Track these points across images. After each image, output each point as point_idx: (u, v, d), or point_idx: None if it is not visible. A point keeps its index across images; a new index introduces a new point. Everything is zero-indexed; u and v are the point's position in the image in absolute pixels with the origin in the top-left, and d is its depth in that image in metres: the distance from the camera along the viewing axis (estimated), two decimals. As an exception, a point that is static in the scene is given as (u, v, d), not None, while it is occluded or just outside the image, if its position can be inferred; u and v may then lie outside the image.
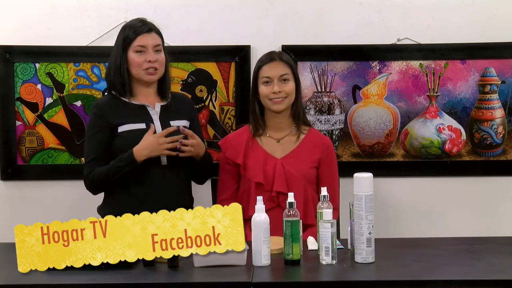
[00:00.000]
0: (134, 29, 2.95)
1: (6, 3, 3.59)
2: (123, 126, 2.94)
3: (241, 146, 3.06)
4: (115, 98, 2.99)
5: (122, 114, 2.95)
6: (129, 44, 2.94)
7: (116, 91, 2.99)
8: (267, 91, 3.02)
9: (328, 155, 3.09)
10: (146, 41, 2.94)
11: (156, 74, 2.97)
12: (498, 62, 3.60)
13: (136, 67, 2.94)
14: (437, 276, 2.33)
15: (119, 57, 2.95)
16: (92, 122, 2.98)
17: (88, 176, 2.94)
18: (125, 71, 2.95)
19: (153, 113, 2.98)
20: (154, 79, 2.98)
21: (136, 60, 2.94)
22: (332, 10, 3.59)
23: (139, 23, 2.98)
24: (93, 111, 3.00)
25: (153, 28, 2.99)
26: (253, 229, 2.44)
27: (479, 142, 3.64)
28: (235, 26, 3.59)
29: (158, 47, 2.98)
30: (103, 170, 2.90)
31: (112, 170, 2.88)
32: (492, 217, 3.66)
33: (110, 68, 2.99)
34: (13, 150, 3.60)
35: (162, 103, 3.02)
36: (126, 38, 2.95)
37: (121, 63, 2.95)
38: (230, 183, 3.09)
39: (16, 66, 3.58)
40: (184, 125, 2.99)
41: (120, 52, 2.95)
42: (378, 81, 3.61)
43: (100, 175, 2.90)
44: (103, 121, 2.94)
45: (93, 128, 2.96)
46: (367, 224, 2.44)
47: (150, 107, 2.98)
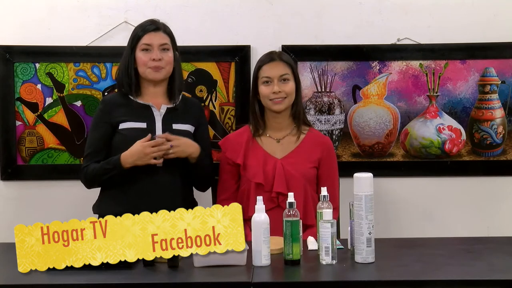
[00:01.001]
0: (142, 28, 3.00)
1: (6, 3, 3.59)
2: (124, 123, 2.96)
3: (241, 146, 3.06)
4: (123, 96, 3.03)
5: (125, 112, 2.98)
6: (137, 43, 2.98)
7: (124, 90, 3.02)
8: (267, 91, 3.02)
9: (328, 155, 3.09)
10: (152, 40, 2.97)
11: (161, 72, 2.98)
12: (498, 62, 3.60)
13: (142, 65, 2.97)
14: (437, 276, 2.33)
15: (127, 57, 3.00)
16: (96, 117, 3.06)
17: (82, 171, 3.00)
18: (132, 70, 2.99)
19: (157, 114, 2.98)
20: (158, 78, 2.98)
21: (142, 59, 2.96)
22: (332, 10, 3.60)
23: (148, 22, 3.02)
24: (99, 107, 3.07)
25: (161, 27, 3.01)
26: (253, 229, 2.44)
27: (479, 142, 3.64)
28: (235, 26, 3.59)
29: (165, 45, 2.99)
30: (94, 168, 2.95)
31: (101, 170, 2.93)
32: (492, 217, 3.66)
33: (119, 67, 3.05)
34: (13, 150, 3.60)
35: (169, 105, 3.02)
36: (135, 38, 3.00)
37: (129, 62, 2.99)
38: (230, 183, 3.09)
39: (16, 66, 3.58)
40: (187, 130, 3.00)
41: (129, 52, 3.00)
42: (378, 81, 3.61)
43: (92, 172, 2.95)
44: (106, 117, 2.99)
45: (96, 123, 3.03)
46: (367, 224, 2.44)
47: (154, 107, 2.99)
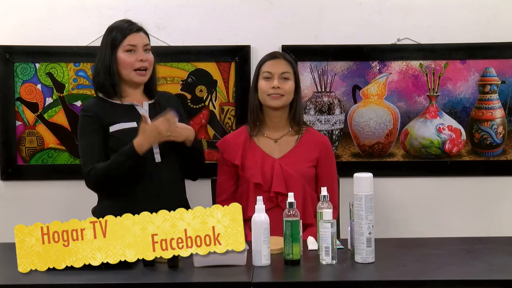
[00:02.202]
0: (122, 29, 2.93)
1: (6, 3, 3.59)
2: (114, 126, 2.92)
3: (238, 147, 3.06)
4: (102, 100, 2.97)
5: (111, 114, 2.93)
6: (119, 44, 2.92)
7: (105, 93, 2.96)
8: (267, 86, 3.02)
9: (326, 154, 3.09)
10: (136, 40, 2.93)
11: (146, 75, 2.96)
12: (498, 62, 3.60)
13: (126, 67, 2.92)
14: (437, 276, 2.33)
15: (108, 58, 2.92)
16: (84, 124, 2.94)
17: (89, 174, 2.88)
18: (115, 72, 2.93)
19: (142, 111, 2.94)
20: (144, 80, 2.97)
21: (127, 60, 2.92)
22: (332, 10, 3.60)
23: (126, 23, 2.96)
24: (82, 114, 2.97)
25: (141, 28, 2.98)
26: (253, 229, 2.44)
27: (479, 142, 3.64)
28: (235, 26, 3.59)
29: (147, 46, 2.97)
30: (103, 167, 2.85)
31: (113, 165, 2.83)
32: (492, 217, 3.66)
33: (98, 70, 2.96)
34: (13, 150, 3.60)
35: (149, 102, 3.01)
36: (115, 39, 2.92)
37: (111, 64, 2.92)
38: (229, 184, 3.09)
39: (16, 66, 3.58)
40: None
41: (109, 53, 2.92)
42: (378, 81, 3.61)
43: (102, 170, 2.85)
44: (95, 120, 2.91)
45: (86, 129, 2.93)
46: (367, 224, 2.44)
47: (138, 105, 2.97)
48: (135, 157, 2.81)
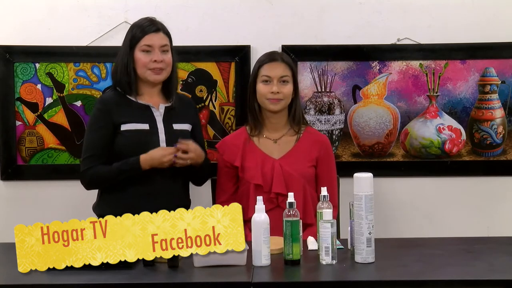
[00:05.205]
0: (142, 28, 2.95)
1: (6, 3, 3.59)
2: (126, 125, 2.93)
3: (238, 148, 3.06)
4: (120, 95, 2.98)
5: (126, 112, 2.94)
6: (136, 43, 2.94)
7: (122, 89, 2.98)
8: (266, 90, 3.02)
9: (325, 153, 3.09)
10: (153, 41, 2.93)
11: (162, 74, 2.96)
12: (498, 62, 3.60)
13: (141, 66, 2.94)
14: (437, 276, 2.33)
15: (126, 56, 2.95)
16: (95, 116, 2.96)
17: (86, 173, 2.92)
18: (131, 70, 2.94)
19: (157, 114, 2.96)
20: (159, 79, 2.97)
21: (142, 60, 2.93)
22: (332, 10, 3.60)
23: (147, 22, 2.97)
24: (98, 106, 2.98)
25: (161, 28, 2.98)
26: (253, 229, 2.44)
27: (479, 142, 3.64)
28: (235, 26, 3.59)
29: (165, 47, 2.97)
30: (104, 171, 2.89)
31: (115, 173, 2.88)
32: (492, 217, 3.66)
33: (117, 66, 2.99)
34: (13, 150, 3.60)
35: (166, 104, 3.01)
36: (134, 37, 2.94)
37: (128, 62, 2.94)
38: (228, 185, 3.09)
39: (16, 66, 3.58)
40: (186, 129, 3.01)
41: (127, 51, 2.94)
42: (378, 81, 3.61)
43: (100, 175, 2.90)
44: (108, 117, 2.93)
45: (96, 123, 2.95)
46: (367, 224, 2.44)
47: (154, 108, 2.98)
48: (137, 171, 2.87)
